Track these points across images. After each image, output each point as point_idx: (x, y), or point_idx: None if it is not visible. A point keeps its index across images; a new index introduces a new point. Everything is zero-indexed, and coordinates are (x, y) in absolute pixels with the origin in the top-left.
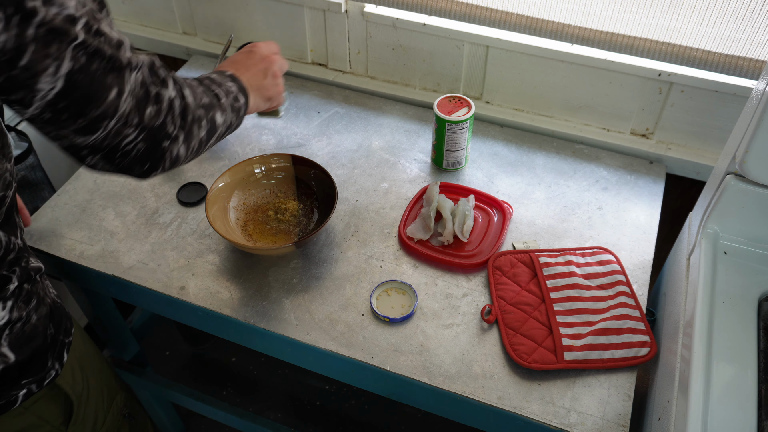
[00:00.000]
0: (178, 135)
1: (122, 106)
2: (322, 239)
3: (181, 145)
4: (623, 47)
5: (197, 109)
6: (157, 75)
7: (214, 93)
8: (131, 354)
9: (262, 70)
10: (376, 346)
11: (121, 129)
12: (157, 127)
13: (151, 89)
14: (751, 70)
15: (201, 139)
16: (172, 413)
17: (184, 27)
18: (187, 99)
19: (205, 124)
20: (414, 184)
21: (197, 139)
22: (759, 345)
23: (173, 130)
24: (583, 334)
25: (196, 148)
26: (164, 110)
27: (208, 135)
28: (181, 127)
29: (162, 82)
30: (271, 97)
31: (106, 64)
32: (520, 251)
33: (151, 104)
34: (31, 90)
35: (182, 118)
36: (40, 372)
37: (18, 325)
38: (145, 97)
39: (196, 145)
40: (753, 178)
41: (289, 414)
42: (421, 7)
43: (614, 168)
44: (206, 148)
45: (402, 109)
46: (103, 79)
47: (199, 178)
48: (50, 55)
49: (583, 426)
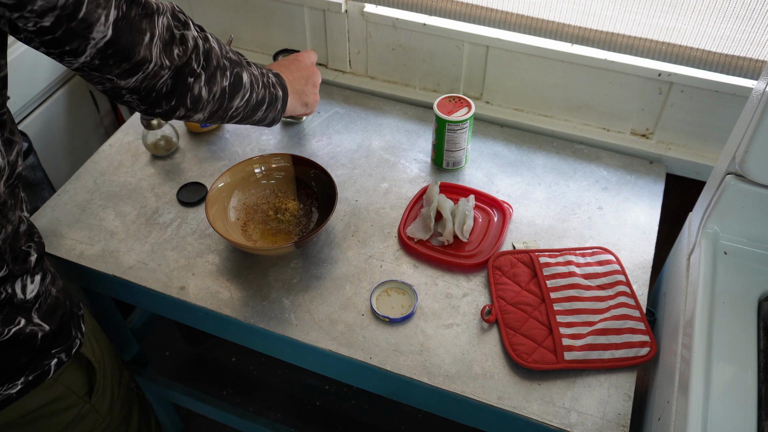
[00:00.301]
0: (201, 74)
1: (154, 49)
2: (322, 239)
3: (204, 85)
4: (623, 47)
5: (222, 59)
6: (179, 19)
7: (248, 64)
8: (131, 354)
9: (305, 77)
10: (376, 346)
11: (158, 71)
12: (183, 64)
13: (176, 32)
14: (751, 70)
15: (224, 88)
16: (172, 413)
17: None
18: (211, 43)
19: (229, 75)
20: (414, 184)
21: (219, 86)
22: (759, 345)
23: (197, 67)
24: (583, 334)
25: (218, 96)
26: (190, 49)
27: (232, 89)
28: (203, 68)
29: (184, 25)
30: (308, 104)
31: (141, 10)
32: (520, 251)
33: (177, 45)
34: (86, 39)
35: (206, 59)
36: (67, 341)
37: (42, 299)
38: (171, 40)
39: (218, 92)
40: (753, 178)
41: (289, 414)
42: (421, 7)
43: (614, 168)
44: (232, 109)
45: (402, 109)
46: (140, 24)
47: (199, 178)
48: (101, 5)
49: (583, 426)
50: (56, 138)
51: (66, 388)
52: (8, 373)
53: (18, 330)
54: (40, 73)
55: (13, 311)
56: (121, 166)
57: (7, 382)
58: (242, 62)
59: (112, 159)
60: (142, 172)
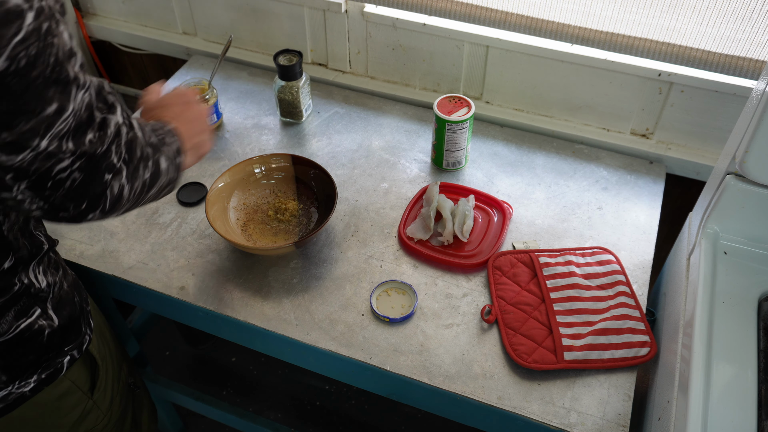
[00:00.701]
0: (122, 169)
1: (58, 126)
2: (322, 239)
3: (125, 181)
4: (623, 47)
5: (146, 147)
6: (105, 100)
7: (160, 136)
8: (131, 354)
9: (201, 122)
10: (376, 346)
11: (54, 152)
12: (100, 155)
13: (96, 114)
14: (751, 70)
15: (145, 181)
16: (172, 413)
17: (184, 27)
18: (136, 131)
19: (151, 165)
20: (414, 184)
21: (141, 180)
22: (759, 345)
23: (117, 161)
24: (583, 334)
25: (138, 191)
26: (109, 137)
27: (152, 180)
28: (126, 161)
29: (110, 108)
30: (203, 154)
31: (50, 73)
32: (520, 251)
33: (93, 130)
34: None
35: (129, 150)
36: (78, 337)
37: (55, 289)
38: (89, 121)
39: (139, 187)
40: (753, 178)
41: (289, 414)
42: (421, 7)
43: (614, 168)
44: (144, 199)
45: (402, 109)
46: (42, 89)
47: (199, 178)
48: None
49: (583, 426)
50: None
51: (72, 383)
52: (16, 371)
53: (26, 326)
54: None
55: (30, 301)
56: None
57: (18, 379)
58: (159, 144)
59: None
60: None
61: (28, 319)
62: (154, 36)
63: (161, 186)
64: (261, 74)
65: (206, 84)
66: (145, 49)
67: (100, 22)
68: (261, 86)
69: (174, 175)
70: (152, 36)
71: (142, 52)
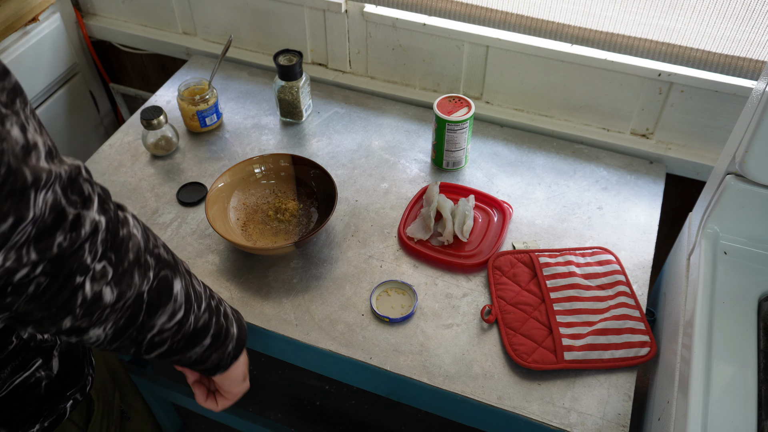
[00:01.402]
0: (99, 269)
1: (15, 237)
2: (322, 239)
3: (106, 285)
4: (623, 47)
5: (144, 253)
6: (81, 191)
7: (189, 273)
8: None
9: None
10: (376, 346)
11: (12, 267)
12: (69, 254)
13: (69, 211)
14: (751, 70)
15: (141, 293)
16: (172, 413)
17: (184, 27)
18: (131, 229)
19: (152, 276)
20: (414, 184)
21: (135, 290)
22: (759, 345)
23: (91, 261)
24: (583, 334)
25: (131, 303)
26: (84, 236)
27: (155, 296)
28: (105, 258)
29: (85, 202)
30: (239, 392)
31: (2, 186)
32: (520, 251)
33: (65, 231)
34: None
35: (112, 248)
36: (80, 380)
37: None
38: (57, 223)
39: (132, 297)
40: (753, 178)
41: (289, 414)
42: (421, 7)
43: (614, 168)
44: (153, 330)
45: (402, 109)
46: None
47: (199, 178)
48: None
49: (583, 426)
50: (56, 138)
51: (71, 421)
52: (16, 423)
53: (22, 380)
54: (40, 73)
55: (31, 354)
56: (121, 166)
57: (20, 429)
58: (178, 266)
59: (112, 159)
60: (142, 172)
61: (25, 372)
62: (154, 36)
63: (184, 327)
64: (261, 74)
65: (206, 84)
66: (145, 49)
67: (100, 22)
68: (261, 86)
69: (218, 331)
70: (152, 36)
71: (142, 52)
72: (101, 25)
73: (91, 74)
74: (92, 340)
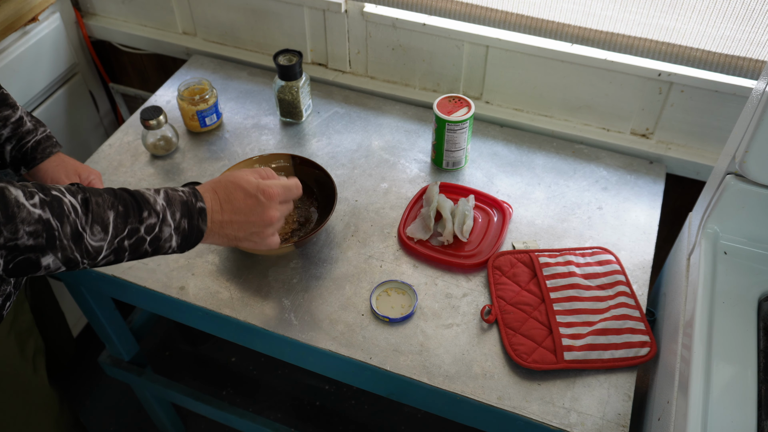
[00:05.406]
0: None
1: None
2: (322, 239)
3: (62, 252)
4: (623, 47)
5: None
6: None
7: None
8: (131, 354)
9: (251, 224)
10: (376, 346)
11: None
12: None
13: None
14: (751, 70)
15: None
16: (171, 413)
17: (184, 27)
18: (50, 194)
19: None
20: (414, 184)
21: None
22: (759, 345)
23: (29, 239)
24: (583, 334)
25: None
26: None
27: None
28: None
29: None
30: (241, 246)
31: None
32: (519, 251)
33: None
34: None
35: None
36: None
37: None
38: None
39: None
40: (753, 178)
41: (289, 414)
42: (421, 7)
43: (614, 168)
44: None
45: (402, 109)
46: None
47: (198, 178)
48: None
49: (583, 426)
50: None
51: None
52: None
53: None
54: (40, 73)
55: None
56: (120, 166)
57: None
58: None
59: (112, 159)
60: (141, 172)
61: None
62: (153, 36)
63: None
64: (261, 74)
65: (206, 84)
66: (145, 49)
67: (100, 22)
68: (261, 86)
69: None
70: (152, 36)
71: (142, 52)
72: (101, 24)
73: (91, 74)
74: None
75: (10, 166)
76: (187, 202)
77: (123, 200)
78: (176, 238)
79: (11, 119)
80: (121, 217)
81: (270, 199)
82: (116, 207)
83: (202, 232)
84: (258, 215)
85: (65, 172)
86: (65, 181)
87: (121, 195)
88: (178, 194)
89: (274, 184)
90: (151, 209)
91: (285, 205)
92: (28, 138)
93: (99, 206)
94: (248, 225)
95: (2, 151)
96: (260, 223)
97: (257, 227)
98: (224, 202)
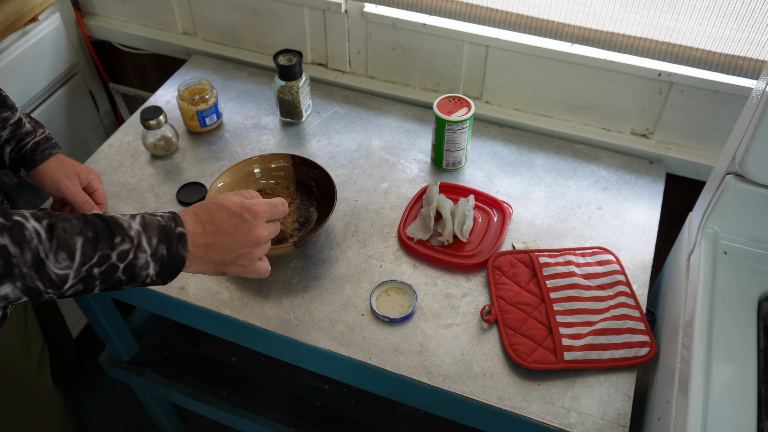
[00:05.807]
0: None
1: None
2: (322, 239)
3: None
4: (623, 47)
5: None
6: None
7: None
8: (131, 354)
9: (238, 245)
10: (376, 346)
11: None
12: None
13: None
14: (751, 70)
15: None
16: (171, 413)
17: (184, 27)
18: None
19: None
20: (414, 184)
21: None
22: (759, 345)
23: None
24: (583, 334)
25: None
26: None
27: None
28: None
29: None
30: (229, 271)
31: None
32: (519, 251)
33: None
34: None
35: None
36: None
37: None
38: None
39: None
40: (753, 178)
41: (289, 414)
42: (421, 7)
43: (614, 168)
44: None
45: (402, 109)
46: None
47: (198, 178)
48: None
49: (583, 426)
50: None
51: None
52: None
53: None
54: (40, 73)
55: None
56: (120, 166)
57: None
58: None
59: (112, 159)
60: (141, 172)
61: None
62: (153, 36)
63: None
64: (261, 74)
65: (206, 84)
66: (145, 49)
67: (100, 22)
68: (261, 86)
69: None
70: (152, 36)
71: (142, 52)
72: (101, 24)
73: (91, 74)
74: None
75: (10, 167)
76: (166, 227)
77: (93, 225)
78: (154, 265)
79: (10, 121)
80: (90, 242)
81: (256, 217)
82: (85, 233)
83: (183, 259)
84: (244, 235)
85: (64, 172)
86: (65, 181)
87: (91, 220)
88: (155, 219)
89: (259, 202)
90: (124, 234)
91: (272, 224)
92: (27, 139)
93: (66, 232)
94: (234, 246)
95: (1, 152)
96: (247, 244)
97: (245, 248)
98: (207, 223)
